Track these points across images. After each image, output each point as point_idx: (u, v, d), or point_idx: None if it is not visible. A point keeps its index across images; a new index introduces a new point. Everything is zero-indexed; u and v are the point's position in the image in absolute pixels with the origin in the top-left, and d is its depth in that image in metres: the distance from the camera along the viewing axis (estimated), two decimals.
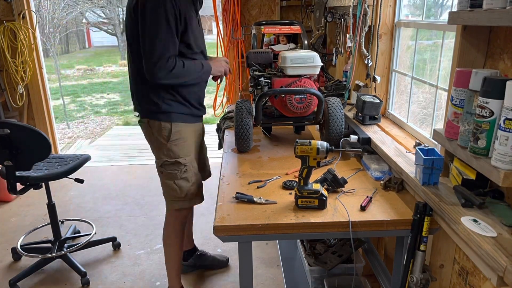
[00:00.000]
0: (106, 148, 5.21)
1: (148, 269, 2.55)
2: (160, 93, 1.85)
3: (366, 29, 2.28)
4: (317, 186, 1.45)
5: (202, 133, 2.13)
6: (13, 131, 2.07)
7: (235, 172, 1.79)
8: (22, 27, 3.83)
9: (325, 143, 1.43)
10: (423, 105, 2.12)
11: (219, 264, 2.54)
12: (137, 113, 1.98)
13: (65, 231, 2.79)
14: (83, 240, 2.73)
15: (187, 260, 2.46)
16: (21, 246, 2.65)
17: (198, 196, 2.05)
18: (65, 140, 6.18)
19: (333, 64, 3.06)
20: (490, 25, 1.11)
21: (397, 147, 1.77)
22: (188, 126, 1.95)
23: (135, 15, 1.75)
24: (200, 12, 1.95)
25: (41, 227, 2.99)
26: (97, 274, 2.52)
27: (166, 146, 1.90)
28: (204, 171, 2.23)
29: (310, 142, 1.43)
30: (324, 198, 1.43)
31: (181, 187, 1.96)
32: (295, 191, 1.46)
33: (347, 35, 2.50)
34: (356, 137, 1.87)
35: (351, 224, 1.35)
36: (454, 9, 1.26)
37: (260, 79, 2.00)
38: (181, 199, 1.98)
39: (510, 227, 1.10)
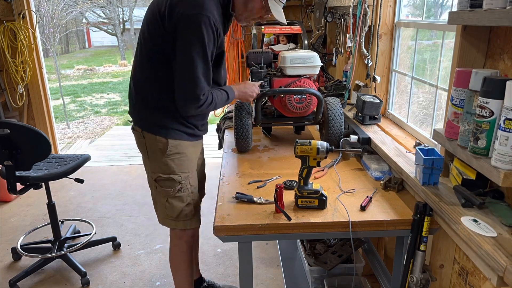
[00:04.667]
0: (106, 148, 5.21)
1: (148, 269, 2.55)
2: (168, 112, 1.65)
3: (366, 29, 2.28)
4: (317, 186, 1.45)
5: (202, 150, 1.95)
6: (13, 131, 2.07)
7: (235, 172, 1.79)
8: (22, 27, 3.83)
9: (325, 143, 1.43)
10: (423, 105, 2.12)
11: None
12: (131, 119, 1.81)
13: (65, 231, 2.79)
14: (83, 240, 2.73)
15: None
16: (21, 246, 2.64)
17: (193, 219, 1.82)
18: (65, 140, 6.18)
19: (333, 64, 3.06)
20: (490, 25, 1.11)
21: (397, 147, 1.77)
22: (186, 142, 1.73)
23: (163, 23, 1.52)
24: None
25: (41, 227, 2.99)
26: (97, 274, 2.52)
27: (161, 160, 1.69)
28: (201, 190, 2.00)
29: (310, 142, 1.43)
30: (324, 198, 1.43)
31: (173, 206, 1.74)
32: (295, 191, 1.46)
33: (347, 35, 2.50)
34: (356, 137, 1.87)
35: (351, 224, 1.35)
36: (454, 9, 1.26)
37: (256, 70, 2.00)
38: (173, 219, 1.77)
39: (510, 227, 1.10)
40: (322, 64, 2.04)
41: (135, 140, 1.80)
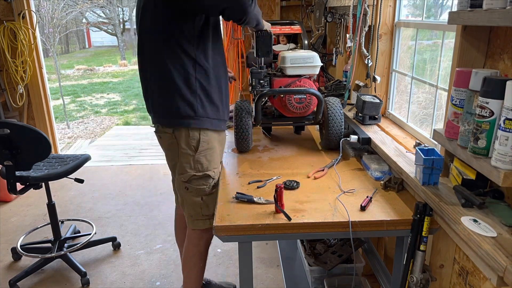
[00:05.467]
0: (106, 148, 5.21)
1: (148, 269, 2.55)
2: (197, 91, 1.61)
3: (366, 29, 2.28)
4: None
5: (223, 144, 1.88)
6: (13, 131, 2.07)
7: (235, 172, 1.79)
8: (22, 27, 3.83)
9: None
10: (423, 105, 2.12)
11: None
12: (153, 124, 1.76)
13: (65, 231, 2.79)
14: (83, 240, 2.73)
15: None
16: (21, 246, 2.64)
17: None
18: (65, 140, 6.18)
19: (333, 64, 3.06)
20: (490, 25, 1.11)
21: (397, 147, 1.77)
22: (216, 133, 1.73)
23: None
24: None
25: (41, 227, 2.99)
26: (97, 274, 2.52)
27: (193, 158, 1.67)
28: None
29: None
30: None
31: (209, 203, 1.73)
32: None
33: (347, 35, 2.50)
34: (356, 137, 1.87)
35: (351, 224, 1.35)
36: (454, 9, 1.26)
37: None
38: (209, 217, 1.75)
39: (510, 227, 1.10)
40: (322, 64, 2.04)
41: (164, 144, 1.76)
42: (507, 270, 0.94)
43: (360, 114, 2.13)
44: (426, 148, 1.42)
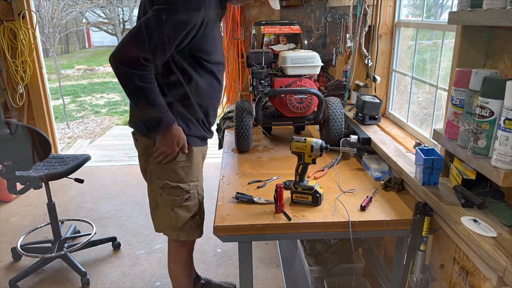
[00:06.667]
0: (106, 148, 5.21)
1: (148, 269, 2.55)
2: (185, 110, 1.58)
3: (366, 29, 2.28)
4: (312, 183, 1.46)
5: (205, 156, 1.83)
6: (13, 131, 2.07)
7: (235, 172, 1.79)
8: (22, 27, 3.83)
9: (320, 141, 1.45)
10: (423, 105, 2.12)
11: None
12: (132, 129, 1.71)
13: (65, 231, 2.79)
14: (83, 240, 2.73)
15: None
16: (21, 246, 2.64)
17: (197, 230, 1.74)
18: (65, 140, 6.18)
19: (333, 64, 3.06)
20: (490, 25, 1.11)
21: (397, 147, 1.77)
22: (198, 148, 1.68)
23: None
24: None
25: (41, 227, 2.99)
26: (97, 274, 2.52)
27: (170, 167, 1.61)
28: None
29: (305, 139, 1.46)
30: (318, 195, 1.45)
31: (179, 216, 1.66)
32: (291, 186, 1.48)
33: (347, 35, 2.50)
34: (356, 137, 1.87)
35: (351, 224, 1.35)
36: (454, 9, 1.26)
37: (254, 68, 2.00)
38: (176, 229, 1.69)
39: (510, 227, 1.10)
40: (322, 64, 2.04)
41: (139, 146, 1.70)
42: (507, 270, 0.94)
43: (360, 114, 2.13)
44: (426, 148, 1.42)
